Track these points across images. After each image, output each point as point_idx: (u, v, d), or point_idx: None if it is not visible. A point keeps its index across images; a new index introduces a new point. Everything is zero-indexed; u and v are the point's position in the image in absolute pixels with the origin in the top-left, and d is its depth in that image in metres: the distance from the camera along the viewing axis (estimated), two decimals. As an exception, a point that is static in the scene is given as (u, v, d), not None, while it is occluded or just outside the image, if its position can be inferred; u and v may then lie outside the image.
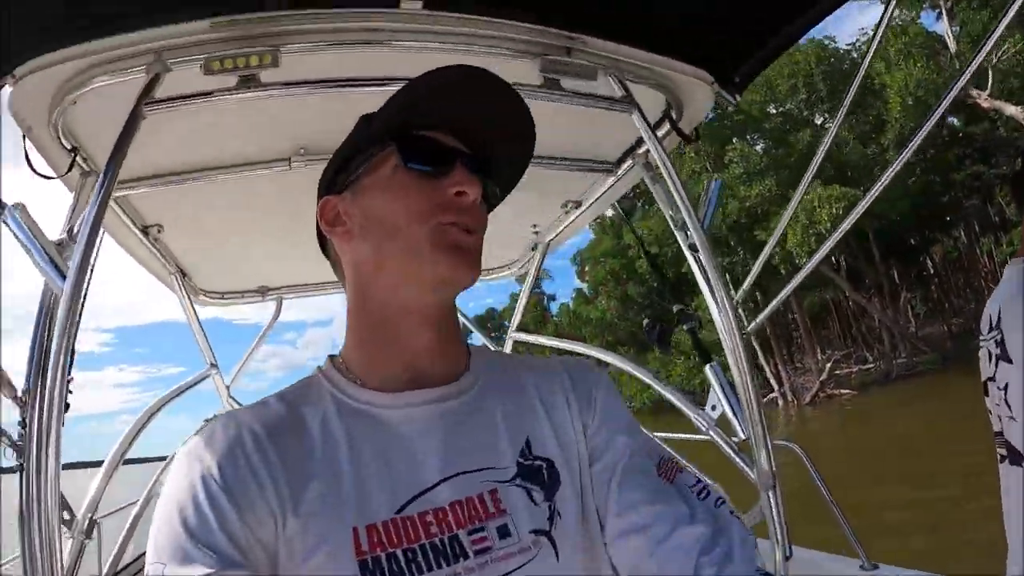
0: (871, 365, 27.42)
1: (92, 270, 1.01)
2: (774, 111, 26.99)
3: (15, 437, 0.93)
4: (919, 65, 21.41)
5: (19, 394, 0.94)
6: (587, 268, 34.89)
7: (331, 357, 0.65)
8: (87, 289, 1.00)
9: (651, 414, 20.15)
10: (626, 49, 1.37)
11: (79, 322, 0.98)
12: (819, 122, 25.86)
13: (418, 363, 0.62)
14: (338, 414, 0.59)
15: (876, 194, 1.32)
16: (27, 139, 1.18)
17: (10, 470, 0.94)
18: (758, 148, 26.23)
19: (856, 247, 26.46)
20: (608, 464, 0.61)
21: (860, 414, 20.25)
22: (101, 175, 1.03)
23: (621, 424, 0.65)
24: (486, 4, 1.20)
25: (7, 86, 1.04)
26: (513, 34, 1.27)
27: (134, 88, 1.11)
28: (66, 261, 1.01)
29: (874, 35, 1.47)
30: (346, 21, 1.16)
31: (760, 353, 27.45)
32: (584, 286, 36.98)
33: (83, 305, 0.99)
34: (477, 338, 3.25)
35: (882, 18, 1.46)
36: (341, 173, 0.65)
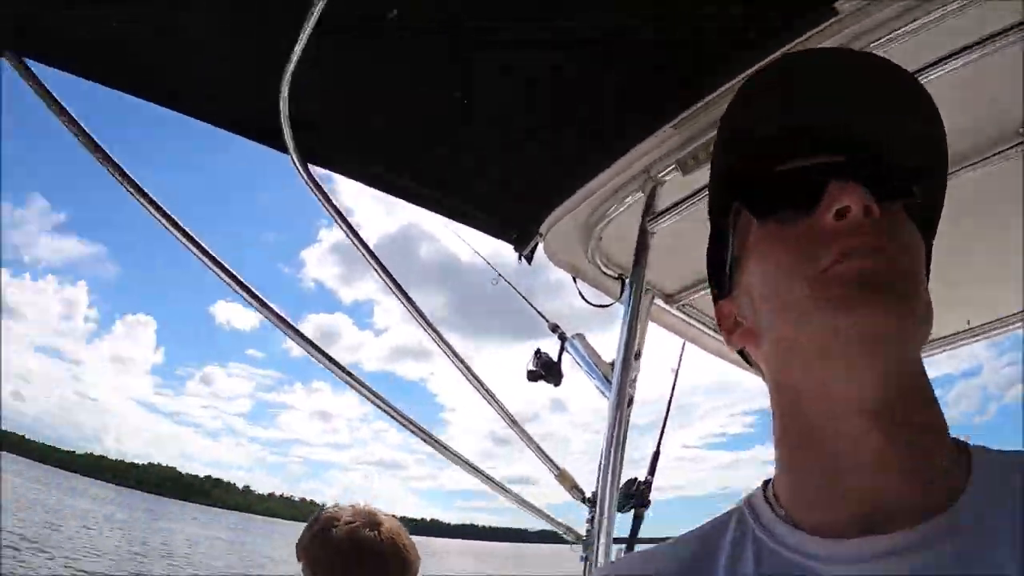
0: None
1: (625, 381, 1.08)
2: None
3: (583, 534, 1.08)
4: None
5: (588, 496, 1.09)
6: None
7: (765, 483, 0.49)
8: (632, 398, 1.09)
9: None
10: None
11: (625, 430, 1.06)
12: None
13: (864, 491, 0.41)
14: (755, 561, 0.44)
15: None
16: (576, 280, 1.45)
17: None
18: None
19: None
20: None
21: None
22: (627, 293, 1.15)
23: None
24: None
25: (539, 244, 1.33)
26: None
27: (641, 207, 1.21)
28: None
29: None
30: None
31: None
32: None
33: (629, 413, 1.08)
34: None
35: None
36: (719, 270, 0.53)
